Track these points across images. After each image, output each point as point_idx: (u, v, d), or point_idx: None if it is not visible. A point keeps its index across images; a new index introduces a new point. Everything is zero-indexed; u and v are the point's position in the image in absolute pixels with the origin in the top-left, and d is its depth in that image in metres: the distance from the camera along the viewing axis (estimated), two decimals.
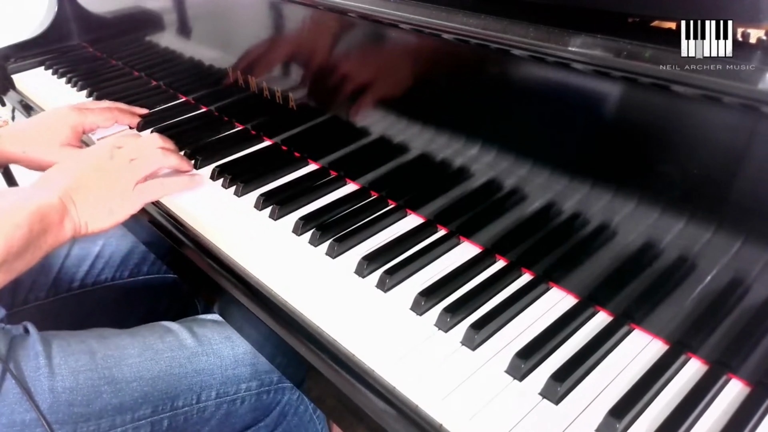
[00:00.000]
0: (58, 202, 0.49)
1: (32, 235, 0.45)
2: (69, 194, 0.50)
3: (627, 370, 0.39)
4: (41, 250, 0.47)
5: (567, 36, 0.37)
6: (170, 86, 0.85)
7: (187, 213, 0.58)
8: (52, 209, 0.48)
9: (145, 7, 0.82)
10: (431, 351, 0.41)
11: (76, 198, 0.51)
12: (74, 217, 0.50)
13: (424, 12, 0.45)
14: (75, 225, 0.50)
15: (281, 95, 0.64)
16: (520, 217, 0.46)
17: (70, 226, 0.50)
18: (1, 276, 0.44)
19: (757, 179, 0.34)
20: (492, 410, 0.37)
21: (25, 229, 0.45)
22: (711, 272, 0.37)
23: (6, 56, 0.95)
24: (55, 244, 0.49)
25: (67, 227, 0.50)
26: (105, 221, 0.52)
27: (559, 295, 0.46)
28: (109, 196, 0.53)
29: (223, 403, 0.55)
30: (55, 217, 0.48)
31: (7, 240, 0.43)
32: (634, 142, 0.38)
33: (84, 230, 0.51)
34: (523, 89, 0.43)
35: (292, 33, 0.60)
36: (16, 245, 0.44)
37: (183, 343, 0.54)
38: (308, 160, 0.65)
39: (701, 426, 0.36)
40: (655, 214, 0.38)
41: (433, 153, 0.51)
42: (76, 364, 0.49)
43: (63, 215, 0.49)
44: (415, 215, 0.55)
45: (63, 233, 0.49)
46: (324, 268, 0.49)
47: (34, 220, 0.46)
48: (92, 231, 0.52)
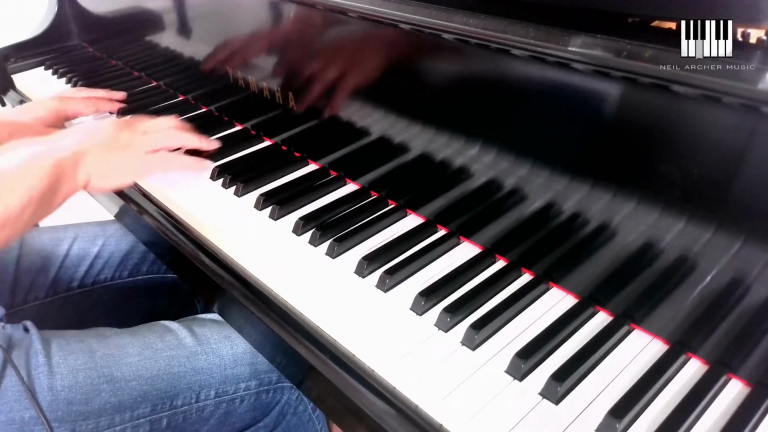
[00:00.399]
0: (71, 153, 0.52)
1: (50, 181, 0.48)
2: (82, 149, 0.53)
3: (627, 370, 0.39)
4: (58, 198, 0.51)
5: (567, 36, 0.37)
6: (170, 86, 0.85)
7: (187, 213, 0.58)
8: (66, 159, 0.51)
9: (145, 7, 0.82)
10: (431, 351, 0.41)
11: (88, 154, 0.53)
12: (86, 168, 0.53)
13: (424, 12, 0.45)
14: (86, 176, 0.53)
15: (281, 95, 0.64)
16: (520, 217, 0.46)
17: (83, 176, 0.53)
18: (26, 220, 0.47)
19: (757, 179, 0.34)
20: (492, 410, 0.37)
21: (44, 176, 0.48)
22: (711, 272, 0.37)
23: (6, 56, 0.95)
24: (70, 192, 0.52)
25: (79, 177, 0.52)
26: (113, 180, 0.56)
27: (559, 295, 0.46)
28: (119, 158, 0.55)
29: (222, 402, 0.55)
30: (68, 167, 0.51)
31: (29, 188, 0.46)
32: (634, 142, 0.38)
33: (92, 185, 0.54)
34: (523, 89, 0.43)
35: (292, 33, 0.60)
36: (36, 191, 0.47)
37: (182, 342, 0.54)
38: (308, 160, 0.65)
39: (701, 426, 0.36)
40: (655, 214, 0.38)
41: (433, 153, 0.51)
42: (76, 362, 0.49)
43: (75, 167, 0.52)
44: (415, 215, 0.55)
45: (76, 182, 0.52)
46: (324, 268, 0.49)
47: (51, 168, 0.49)
48: (101, 187, 0.55)
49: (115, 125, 0.57)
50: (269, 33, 0.63)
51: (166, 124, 0.61)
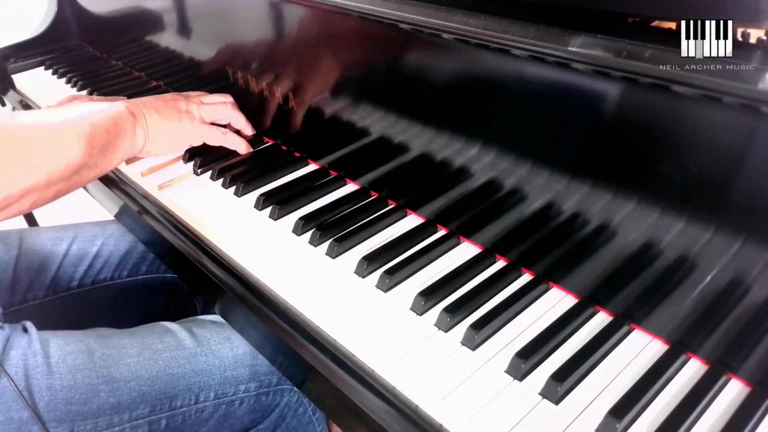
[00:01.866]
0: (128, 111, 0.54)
1: (109, 135, 0.50)
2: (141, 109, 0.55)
3: (627, 370, 0.39)
4: (118, 151, 0.53)
5: (567, 36, 0.37)
6: (170, 86, 0.85)
7: (187, 213, 0.58)
8: (123, 116, 0.53)
9: (145, 7, 0.82)
10: (431, 351, 0.41)
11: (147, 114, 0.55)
12: (144, 127, 0.55)
13: (424, 12, 0.45)
14: (145, 134, 0.55)
15: (281, 95, 0.64)
16: (520, 217, 0.46)
17: (142, 134, 0.55)
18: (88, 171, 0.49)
19: (757, 179, 0.34)
20: (492, 410, 0.37)
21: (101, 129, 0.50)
22: (711, 272, 0.37)
23: (6, 56, 0.95)
24: (131, 148, 0.54)
25: (139, 134, 0.55)
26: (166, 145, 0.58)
27: (559, 295, 0.46)
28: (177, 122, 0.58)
29: (222, 404, 0.55)
30: (127, 123, 0.53)
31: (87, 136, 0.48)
32: (634, 142, 0.38)
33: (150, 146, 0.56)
34: (523, 89, 0.43)
35: (292, 33, 0.60)
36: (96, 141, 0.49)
37: (182, 343, 0.54)
38: (308, 160, 0.65)
39: (701, 426, 0.36)
40: (655, 214, 0.38)
41: (433, 153, 0.51)
42: (75, 362, 0.49)
43: (134, 123, 0.54)
44: (415, 215, 0.55)
45: (136, 139, 0.54)
46: (324, 268, 0.49)
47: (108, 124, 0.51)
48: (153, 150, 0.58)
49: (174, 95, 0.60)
50: (269, 33, 0.63)
51: (221, 99, 0.64)
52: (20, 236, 0.68)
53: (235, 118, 0.65)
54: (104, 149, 0.50)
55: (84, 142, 0.48)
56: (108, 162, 0.52)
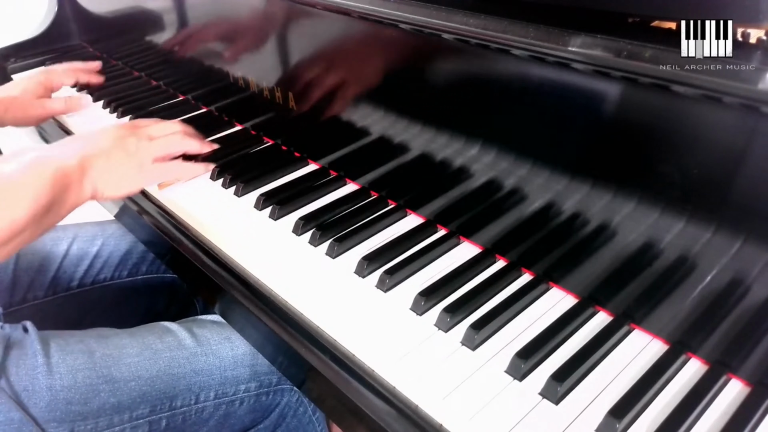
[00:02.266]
0: (76, 162, 0.51)
1: (55, 191, 0.48)
2: (88, 157, 0.52)
3: (627, 370, 0.39)
4: (65, 207, 0.50)
5: (567, 36, 0.37)
6: (170, 86, 0.85)
7: (187, 212, 0.58)
8: (72, 168, 0.50)
9: (145, 7, 0.82)
10: (431, 351, 0.41)
11: (94, 162, 0.52)
12: (93, 178, 0.52)
13: (424, 12, 0.45)
14: (94, 186, 0.52)
15: (281, 95, 0.64)
16: (520, 217, 0.46)
17: (90, 186, 0.52)
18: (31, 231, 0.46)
19: (757, 179, 0.34)
20: (492, 410, 0.37)
21: (48, 185, 0.47)
22: (711, 272, 0.37)
23: (6, 56, 0.95)
24: (77, 202, 0.51)
25: (86, 187, 0.52)
26: (120, 189, 0.55)
27: (559, 295, 0.46)
28: (126, 166, 0.55)
29: (222, 404, 0.55)
30: (74, 176, 0.50)
31: (35, 195, 0.46)
32: (634, 142, 0.38)
33: (101, 194, 0.53)
34: (523, 89, 0.43)
35: (292, 33, 0.60)
36: (42, 200, 0.46)
37: (182, 343, 0.54)
38: (308, 160, 0.65)
39: (701, 426, 0.36)
40: (655, 214, 0.38)
41: (433, 153, 0.51)
42: (75, 362, 0.49)
43: (82, 175, 0.51)
44: (415, 215, 0.55)
45: (83, 192, 0.51)
46: (324, 268, 0.49)
47: (56, 176, 0.48)
48: (108, 196, 0.54)
49: (121, 131, 0.56)
50: (269, 33, 0.63)
51: (171, 129, 0.60)
52: None
53: (188, 147, 0.60)
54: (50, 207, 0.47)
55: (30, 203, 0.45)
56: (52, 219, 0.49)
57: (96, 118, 0.79)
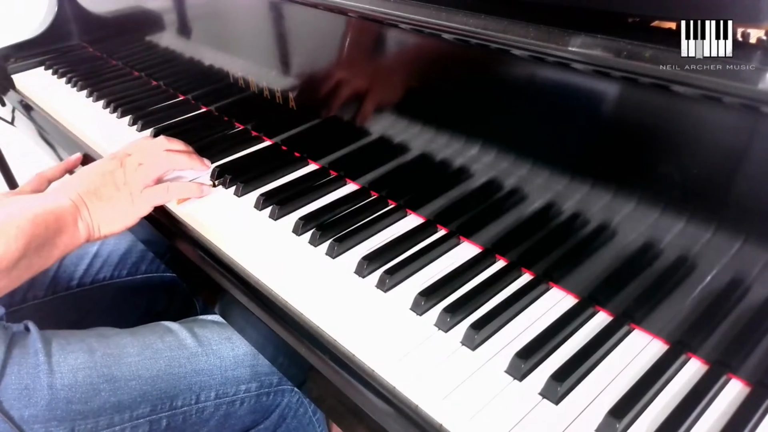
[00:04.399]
0: (70, 204, 0.51)
1: (48, 232, 0.47)
2: (81, 198, 0.52)
3: (627, 370, 0.39)
4: (58, 250, 0.49)
5: (567, 36, 0.37)
6: (170, 86, 0.85)
7: (187, 212, 0.58)
8: (65, 210, 0.50)
9: (145, 7, 0.82)
10: (431, 351, 0.41)
11: (87, 202, 0.52)
12: (87, 219, 0.52)
13: (424, 12, 0.45)
14: (88, 227, 0.52)
15: (281, 95, 0.64)
16: (520, 217, 0.46)
17: (84, 228, 0.52)
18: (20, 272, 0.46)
19: (757, 179, 0.34)
20: (492, 410, 0.37)
21: (41, 226, 0.47)
22: (711, 272, 0.37)
23: (6, 56, 0.95)
24: (71, 245, 0.51)
25: (81, 229, 0.51)
26: (116, 225, 0.54)
27: (559, 295, 0.46)
28: (119, 200, 0.54)
29: (222, 404, 0.55)
30: (68, 218, 0.50)
31: (26, 236, 0.45)
32: (634, 142, 0.38)
33: (97, 233, 0.53)
34: (523, 89, 0.43)
35: (292, 33, 0.60)
36: (34, 242, 0.46)
37: (183, 343, 0.54)
38: (308, 160, 0.65)
39: (701, 426, 0.36)
40: (655, 214, 0.38)
41: (433, 153, 0.51)
42: (76, 362, 0.49)
43: (75, 217, 0.51)
44: (415, 215, 0.55)
45: (78, 234, 0.51)
46: (324, 268, 0.49)
47: (49, 219, 0.48)
48: (104, 234, 0.54)
49: (107, 166, 0.55)
50: (269, 33, 0.63)
51: (156, 149, 0.58)
52: None
53: (178, 164, 0.59)
54: (41, 248, 0.47)
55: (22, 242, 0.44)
56: (44, 261, 0.48)
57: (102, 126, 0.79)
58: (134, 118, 0.77)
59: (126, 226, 0.55)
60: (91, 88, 0.86)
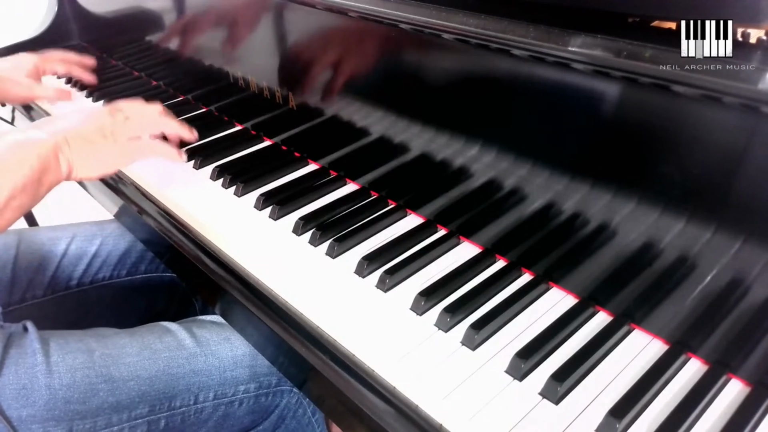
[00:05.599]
0: (52, 141, 0.51)
1: (33, 171, 0.47)
2: (63, 136, 0.52)
3: (627, 370, 0.39)
4: (44, 187, 0.50)
5: (567, 36, 0.37)
6: (170, 86, 0.85)
7: (187, 212, 0.58)
8: (47, 146, 0.50)
9: (145, 7, 0.83)
10: (431, 351, 0.41)
11: (71, 140, 0.52)
12: (68, 155, 0.51)
13: (424, 12, 0.45)
14: (69, 164, 0.52)
15: (281, 95, 0.64)
16: (520, 217, 0.46)
17: (65, 164, 0.51)
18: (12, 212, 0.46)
19: (757, 179, 0.34)
20: (492, 410, 0.37)
21: (26, 166, 0.47)
22: (711, 272, 0.37)
23: (6, 56, 0.95)
24: (54, 180, 0.51)
25: (62, 165, 0.51)
26: (94, 169, 0.54)
27: (559, 295, 0.46)
28: (102, 145, 0.54)
29: (221, 404, 0.55)
30: (50, 154, 0.50)
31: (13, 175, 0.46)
32: (635, 142, 0.38)
33: (74, 174, 0.53)
34: (523, 89, 0.43)
35: (292, 33, 0.60)
36: (20, 181, 0.46)
37: (182, 343, 0.54)
38: (308, 160, 0.65)
39: (701, 426, 0.36)
40: (655, 214, 0.38)
41: (433, 153, 0.51)
42: (74, 361, 0.49)
43: (57, 153, 0.51)
44: (415, 215, 0.55)
45: (59, 170, 0.51)
46: (324, 268, 0.49)
47: (31, 157, 0.48)
48: (81, 176, 0.53)
49: (98, 113, 0.56)
50: (269, 33, 0.63)
51: (151, 109, 0.59)
52: (19, 236, 0.68)
53: (166, 127, 0.59)
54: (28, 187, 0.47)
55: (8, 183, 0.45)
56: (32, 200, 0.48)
57: None
58: None
59: (105, 172, 0.55)
60: (91, 87, 0.86)
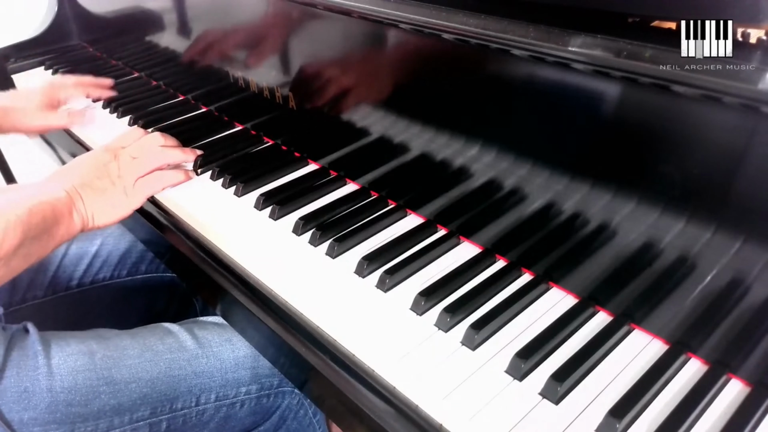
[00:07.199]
0: (65, 195, 0.51)
1: (45, 223, 0.48)
2: (75, 189, 0.53)
3: (627, 370, 0.39)
4: (54, 240, 0.50)
5: (567, 36, 0.37)
6: (170, 86, 0.85)
7: (187, 212, 0.58)
8: (61, 201, 0.51)
9: (145, 7, 0.82)
10: (431, 351, 0.41)
11: (82, 194, 0.53)
12: (81, 210, 0.52)
13: (424, 12, 0.45)
14: (83, 218, 0.52)
15: (281, 95, 0.64)
16: (520, 217, 0.46)
17: (79, 218, 0.52)
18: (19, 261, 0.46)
19: (757, 179, 0.34)
20: (492, 410, 0.37)
21: (38, 216, 0.47)
22: (711, 272, 0.37)
23: (6, 56, 0.95)
24: (66, 235, 0.51)
25: (76, 219, 0.52)
26: (110, 215, 0.55)
27: (559, 295, 0.46)
28: (113, 191, 0.55)
29: (223, 406, 0.55)
30: (64, 208, 0.51)
31: (23, 224, 0.45)
32: (635, 142, 0.38)
33: (91, 224, 0.53)
34: (523, 89, 0.43)
35: (292, 33, 0.60)
36: (32, 230, 0.46)
37: (183, 345, 0.54)
38: (308, 160, 0.65)
39: (701, 426, 0.36)
40: (655, 214, 0.38)
41: (433, 153, 0.51)
42: (75, 364, 0.49)
43: (71, 208, 0.51)
44: (415, 215, 0.55)
45: (73, 225, 0.52)
46: (324, 268, 0.49)
47: (46, 209, 0.48)
48: (99, 225, 0.54)
49: (102, 158, 0.56)
50: (269, 33, 0.63)
51: (153, 143, 0.59)
52: None
53: (170, 158, 0.60)
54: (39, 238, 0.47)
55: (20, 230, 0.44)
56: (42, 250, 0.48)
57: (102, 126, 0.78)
58: (134, 118, 0.77)
59: (120, 217, 0.56)
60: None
